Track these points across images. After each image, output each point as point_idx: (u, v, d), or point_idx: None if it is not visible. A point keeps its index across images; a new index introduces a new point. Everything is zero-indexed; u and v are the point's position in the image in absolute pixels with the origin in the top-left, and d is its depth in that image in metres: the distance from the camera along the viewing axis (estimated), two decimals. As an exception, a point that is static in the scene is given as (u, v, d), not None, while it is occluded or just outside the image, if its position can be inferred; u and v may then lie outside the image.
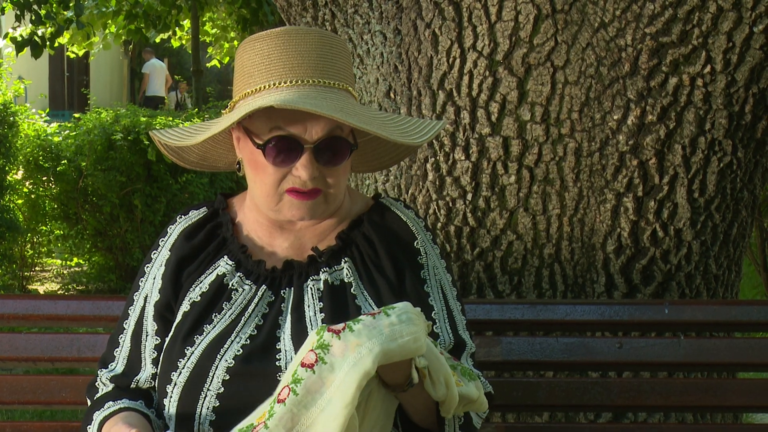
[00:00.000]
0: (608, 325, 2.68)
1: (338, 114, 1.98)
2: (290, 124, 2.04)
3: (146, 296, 2.22)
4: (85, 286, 9.14)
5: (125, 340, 2.23)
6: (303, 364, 1.84)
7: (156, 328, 2.19)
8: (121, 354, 2.23)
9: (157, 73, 21.91)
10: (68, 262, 9.79)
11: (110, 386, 2.21)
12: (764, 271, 7.24)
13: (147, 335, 2.20)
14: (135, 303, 2.24)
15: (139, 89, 21.35)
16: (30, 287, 9.11)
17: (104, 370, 2.24)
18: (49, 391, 2.61)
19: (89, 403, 2.23)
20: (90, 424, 2.14)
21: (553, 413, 2.91)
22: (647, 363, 2.66)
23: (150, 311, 2.20)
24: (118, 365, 2.23)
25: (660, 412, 2.89)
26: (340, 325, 1.84)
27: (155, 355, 2.18)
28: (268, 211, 2.15)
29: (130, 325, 2.23)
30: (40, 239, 9.34)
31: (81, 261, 9.51)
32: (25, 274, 9.23)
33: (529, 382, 2.69)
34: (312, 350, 1.84)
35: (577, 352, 2.63)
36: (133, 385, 2.19)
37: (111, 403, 2.14)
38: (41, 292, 8.98)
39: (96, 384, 2.24)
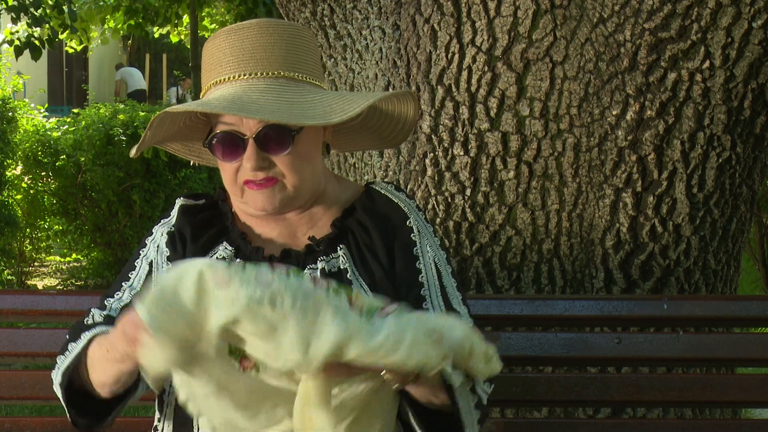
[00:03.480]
0: (607, 320, 2.69)
1: (234, 108, 2.01)
2: (229, 119, 2.09)
3: (151, 262, 2.20)
4: (83, 282, 9.14)
5: (122, 296, 2.16)
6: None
7: None
8: (117, 302, 2.16)
9: (132, 74, 22.39)
10: (67, 258, 9.80)
11: (104, 324, 2.11)
12: (763, 266, 7.24)
13: None
14: (138, 268, 2.20)
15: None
16: (29, 282, 9.11)
17: (97, 309, 2.16)
18: (47, 386, 2.59)
19: (68, 339, 2.12)
20: (75, 341, 2.06)
21: (552, 408, 2.91)
22: (646, 358, 2.66)
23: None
24: (113, 307, 2.16)
25: (659, 407, 2.90)
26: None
27: None
28: (239, 205, 2.19)
29: (133, 285, 2.18)
30: (39, 235, 9.35)
31: (80, 256, 9.51)
32: (24, 269, 9.23)
33: (527, 377, 2.69)
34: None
35: (576, 348, 2.63)
36: None
37: (104, 327, 2.06)
38: (40, 287, 8.98)
39: (85, 321, 2.15)
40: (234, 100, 2.03)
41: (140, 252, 2.23)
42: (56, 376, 2.11)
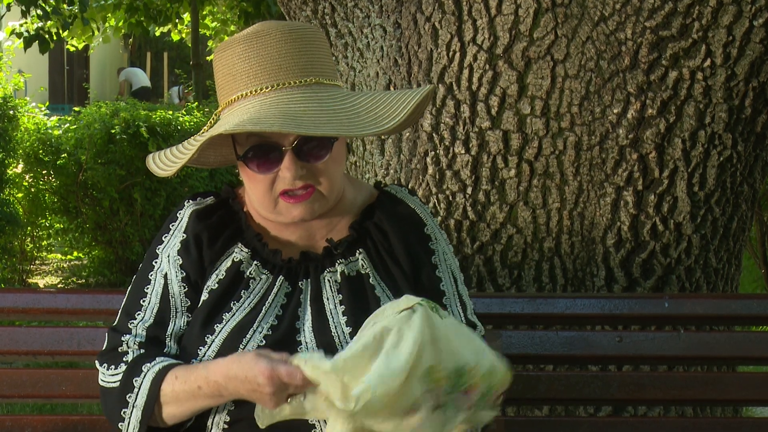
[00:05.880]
0: (608, 318, 2.69)
1: (292, 124, 1.97)
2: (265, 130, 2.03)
3: (166, 274, 2.16)
4: (85, 280, 9.14)
5: (144, 316, 2.15)
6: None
7: (189, 304, 2.14)
8: (142, 324, 2.15)
9: (136, 73, 22.47)
10: (68, 256, 9.80)
11: (140, 350, 2.12)
12: (764, 264, 7.24)
13: (177, 311, 2.15)
14: (153, 281, 2.17)
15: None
16: (30, 281, 9.11)
17: (128, 335, 2.14)
18: (49, 384, 2.61)
19: (107, 365, 2.12)
20: (138, 376, 2.05)
21: (553, 407, 2.91)
22: (647, 357, 2.66)
23: (177, 290, 2.15)
24: (140, 333, 2.14)
25: (660, 405, 2.90)
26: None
27: (182, 333, 2.14)
28: (267, 215, 2.16)
29: (151, 302, 2.16)
30: (40, 233, 9.33)
31: (81, 255, 9.51)
32: (25, 267, 9.23)
33: (529, 375, 2.69)
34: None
35: (577, 346, 2.63)
36: (166, 350, 2.12)
37: (161, 358, 2.07)
38: (41, 285, 8.98)
39: (120, 349, 2.13)
40: (285, 115, 1.98)
41: (153, 263, 2.19)
42: (129, 415, 2.07)
